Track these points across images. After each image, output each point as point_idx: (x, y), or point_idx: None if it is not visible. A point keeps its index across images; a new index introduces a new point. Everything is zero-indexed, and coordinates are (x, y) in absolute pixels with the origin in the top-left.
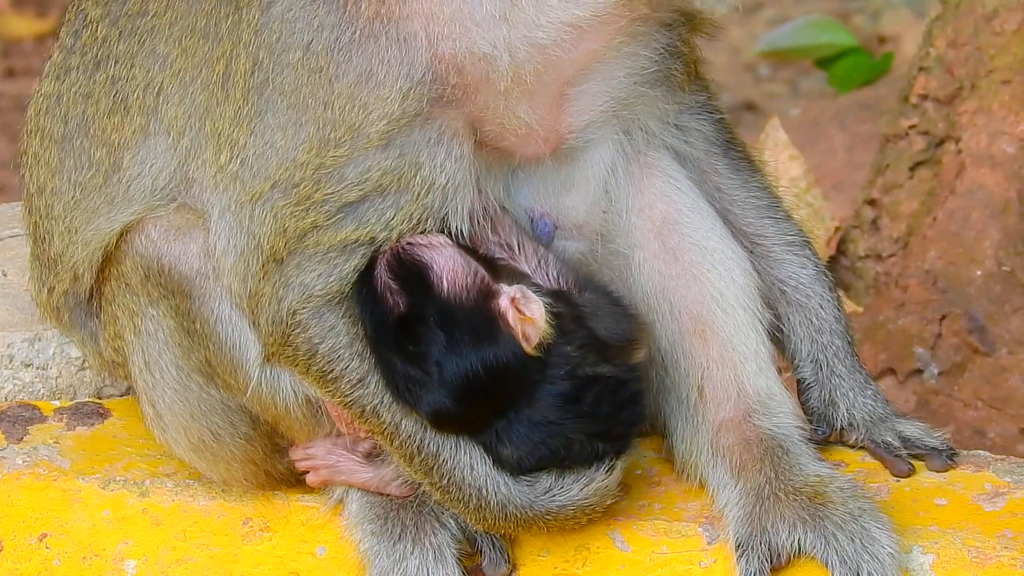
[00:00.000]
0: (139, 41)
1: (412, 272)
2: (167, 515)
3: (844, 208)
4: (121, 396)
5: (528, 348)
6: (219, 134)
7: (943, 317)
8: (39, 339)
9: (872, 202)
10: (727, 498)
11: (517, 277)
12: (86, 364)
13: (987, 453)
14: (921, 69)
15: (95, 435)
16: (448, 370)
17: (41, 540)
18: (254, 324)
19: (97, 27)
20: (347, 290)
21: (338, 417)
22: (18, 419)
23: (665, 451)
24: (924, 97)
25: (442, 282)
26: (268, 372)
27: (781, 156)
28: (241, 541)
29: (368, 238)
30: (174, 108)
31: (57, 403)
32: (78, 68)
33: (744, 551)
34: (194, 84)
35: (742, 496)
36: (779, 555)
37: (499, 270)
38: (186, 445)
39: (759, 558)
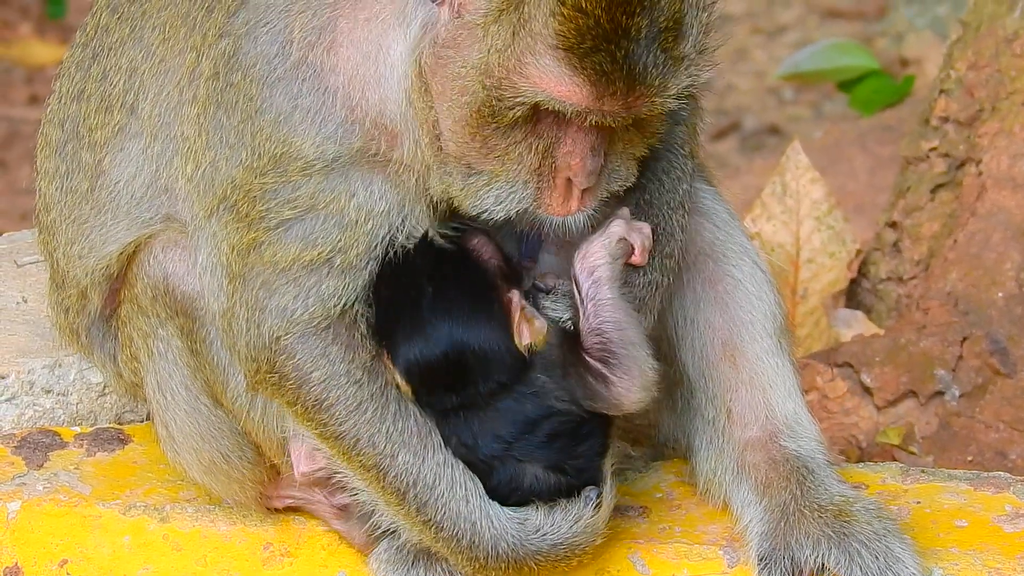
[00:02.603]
0: (130, 27)
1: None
2: (187, 540)
3: (866, 230)
4: (141, 422)
5: (517, 341)
6: (185, 139)
7: (964, 339)
8: (59, 365)
9: (893, 224)
10: (751, 515)
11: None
12: (106, 390)
13: (1008, 475)
14: (942, 91)
15: (115, 461)
16: (445, 309)
17: (62, 566)
18: (233, 348)
19: (100, 16)
20: (334, 315)
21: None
22: (39, 445)
23: (687, 473)
24: (945, 119)
25: (472, 241)
26: (255, 398)
27: (802, 179)
28: (262, 566)
29: (324, 259)
30: (149, 105)
31: (77, 429)
32: (77, 64)
33: (767, 564)
34: (168, 76)
35: (767, 512)
36: (801, 570)
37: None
38: (198, 467)
39: (781, 571)
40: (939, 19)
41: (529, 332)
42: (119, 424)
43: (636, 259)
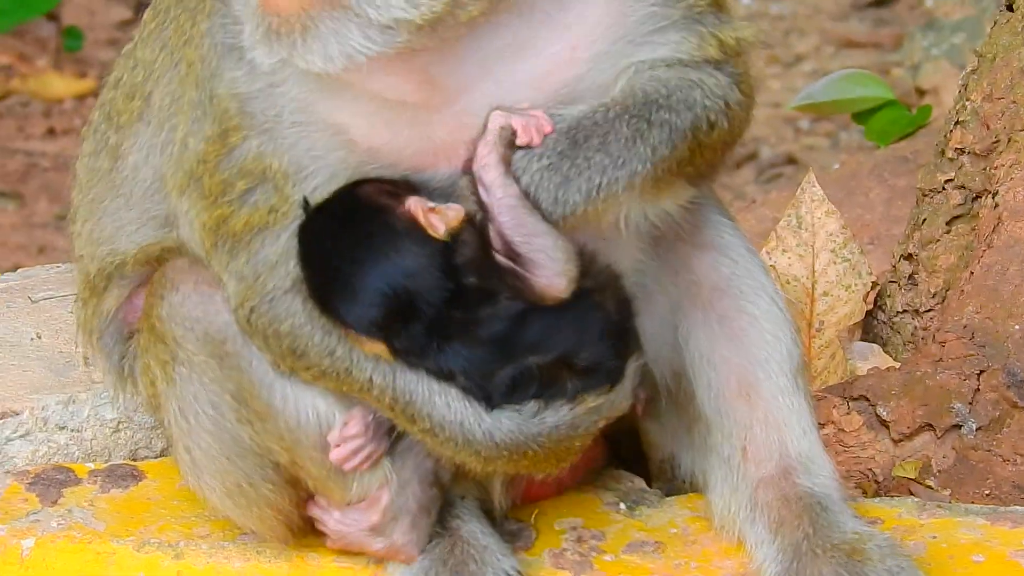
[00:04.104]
0: (158, 22)
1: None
2: None
3: (883, 262)
4: (156, 458)
5: (436, 234)
6: (174, 127)
7: (981, 372)
8: (73, 401)
9: (909, 257)
10: (765, 554)
11: None
12: (120, 426)
13: None
14: (957, 123)
15: (129, 497)
16: (354, 256)
17: None
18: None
19: (147, 13)
20: (287, 283)
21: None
22: (52, 482)
23: (703, 509)
24: (960, 151)
25: (356, 187)
26: (291, 393)
27: (817, 212)
28: None
29: (263, 223)
30: (159, 96)
31: (91, 465)
32: (125, 55)
33: None
34: (175, 69)
35: (780, 552)
36: None
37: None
38: (221, 491)
39: None
40: (956, 48)
41: (442, 220)
42: (133, 460)
43: (521, 140)
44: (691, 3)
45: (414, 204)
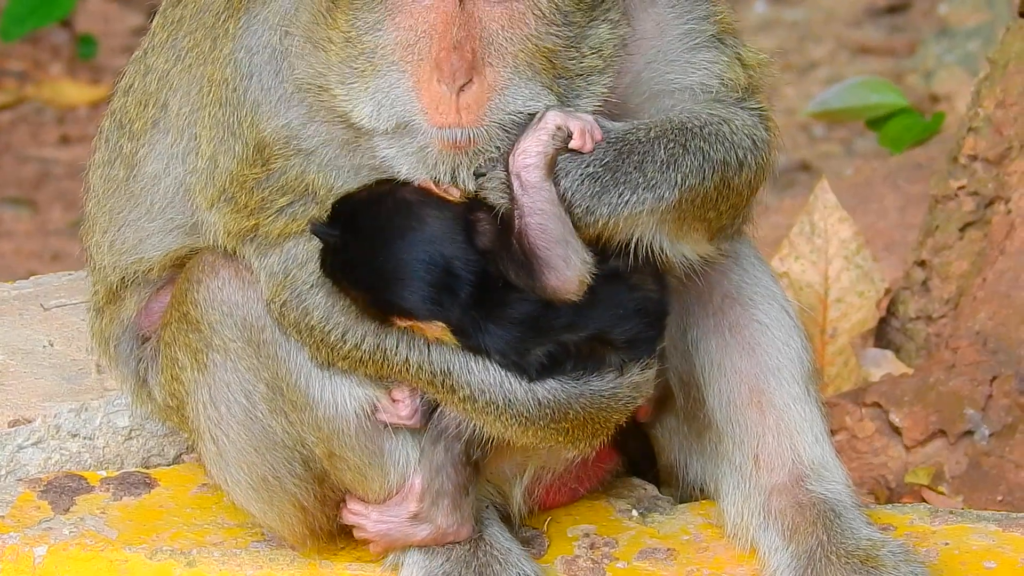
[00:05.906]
0: (169, 32)
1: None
2: None
3: (896, 269)
4: (168, 465)
5: (452, 197)
6: (197, 138)
7: (994, 378)
8: (85, 409)
9: (922, 263)
10: (778, 561)
11: None
12: (132, 433)
13: None
14: (970, 129)
15: (142, 505)
16: (384, 241)
17: None
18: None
19: (157, 19)
20: (313, 279)
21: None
22: (65, 489)
23: (715, 516)
24: (973, 157)
25: (362, 191)
26: (329, 381)
27: (830, 218)
28: None
29: (300, 230)
30: (177, 105)
31: (104, 473)
32: (134, 62)
33: None
34: (193, 83)
35: (794, 559)
36: None
37: None
38: (245, 484)
39: None
40: (970, 55)
41: (456, 188)
42: (145, 468)
43: (575, 143)
44: (719, 18)
45: (424, 179)
